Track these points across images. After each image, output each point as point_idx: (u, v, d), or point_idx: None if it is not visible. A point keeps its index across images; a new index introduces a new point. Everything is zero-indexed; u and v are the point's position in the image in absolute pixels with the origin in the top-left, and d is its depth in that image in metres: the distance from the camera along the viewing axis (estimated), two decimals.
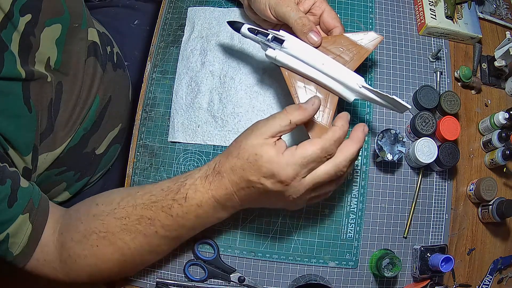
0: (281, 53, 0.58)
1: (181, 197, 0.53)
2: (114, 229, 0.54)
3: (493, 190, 0.67)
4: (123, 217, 0.54)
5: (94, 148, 0.76)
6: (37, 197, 0.56)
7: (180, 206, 0.53)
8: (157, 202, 0.53)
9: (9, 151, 0.54)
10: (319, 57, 0.58)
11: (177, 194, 0.53)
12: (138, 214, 0.54)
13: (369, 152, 0.70)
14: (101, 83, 0.73)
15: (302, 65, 0.58)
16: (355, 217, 0.67)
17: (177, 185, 0.54)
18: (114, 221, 0.54)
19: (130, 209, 0.54)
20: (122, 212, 0.54)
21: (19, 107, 0.54)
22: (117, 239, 0.54)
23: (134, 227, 0.54)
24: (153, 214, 0.53)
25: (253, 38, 0.60)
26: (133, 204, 0.54)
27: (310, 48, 0.59)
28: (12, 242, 0.53)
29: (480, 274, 0.69)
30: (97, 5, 1.00)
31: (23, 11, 0.54)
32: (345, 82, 0.58)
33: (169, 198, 0.53)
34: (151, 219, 0.53)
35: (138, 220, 0.54)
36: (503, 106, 0.76)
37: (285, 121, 0.50)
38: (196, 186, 0.52)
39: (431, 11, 0.74)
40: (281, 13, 0.60)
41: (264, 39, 0.58)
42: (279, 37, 0.58)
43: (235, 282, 0.65)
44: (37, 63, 0.58)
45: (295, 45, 0.58)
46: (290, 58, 0.58)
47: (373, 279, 0.66)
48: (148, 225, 0.53)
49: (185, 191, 0.53)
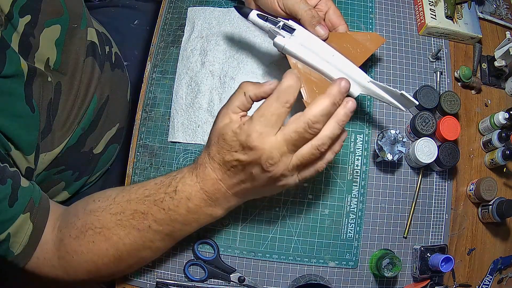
0: (290, 42, 0.58)
1: (172, 190, 0.53)
2: (109, 224, 0.55)
3: (493, 190, 0.67)
4: (118, 213, 0.55)
5: (92, 148, 0.77)
6: (38, 196, 0.56)
7: (171, 199, 0.53)
8: (150, 196, 0.54)
9: (12, 152, 0.54)
10: (328, 49, 0.58)
11: (169, 188, 0.54)
12: (132, 209, 0.54)
13: (369, 152, 0.70)
14: (98, 83, 0.73)
15: (311, 55, 0.58)
16: (355, 217, 0.67)
17: (169, 179, 0.55)
18: (110, 217, 0.55)
19: (125, 204, 0.55)
20: (117, 207, 0.55)
21: (21, 107, 0.54)
22: (112, 235, 0.54)
23: (128, 222, 0.54)
24: (146, 208, 0.54)
25: (261, 24, 0.60)
26: (127, 199, 0.55)
27: (319, 40, 0.59)
28: (13, 242, 0.53)
29: (480, 274, 0.69)
30: (97, 5, 1.00)
31: (22, 12, 0.54)
32: (353, 75, 0.58)
33: (161, 191, 0.54)
34: (144, 213, 0.54)
35: (132, 215, 0.54)
36: (503, 106, 0.76)
37: (240, 93, 0.50)
38: (185, 179, 0.53)
39: (431, 11, 0.74)
40: (290, 5, 0.60)
41: (274, 26, 0.58)
42: (289, 26, 0.58)
43: (235, 282, 0.65)
44: (36, 63, 0.58)
45: (305, 35, 0.58)
46: (299, 47, 0.58)
47: (373, 279, 0.66)
48: (142, 219, 0.54)
49: (176, 184, 0.54)
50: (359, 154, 0.69)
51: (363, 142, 0.70)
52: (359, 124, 0.71)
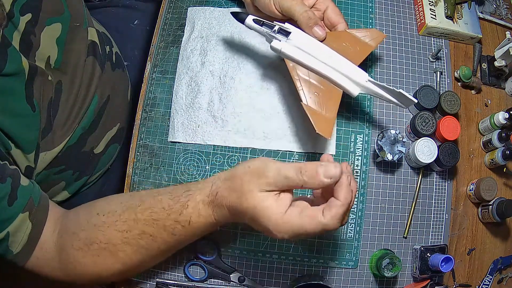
0: (287, 45, 0.58)
1: (184, 219, 0.52)
2: (115, 241, 0.54)
3: (493, 190, 0.67)
4: (125, 231, 0.54)
5: (93, 147, 0.76)
6: (37, 196, 0.56)
7: (183, 227, 0.52)
8: (158, 221, 0.53)
9: (12, 151, 0.54)
10: (325, 50, 0.58)
11: (180, 216, 0.52)
12: (140, 229, 0.54)
13: (369, 152, 0.70)
14: (99, 83, 0.73)
15: (308, 57, 0.58)
16: (355, 217, 0.67)
17: (178, 206, 0.52)
18: (116, 233, 0.54)
19: (132, 223, 0.54)
20: (123, 225, 0.54)
21: (22, 106, 0.54)
22: (118, 251, 0.54)
23: (136, 241, 0.54)
24: (155, 231, 0.53)
25: (257, 29, 0.60)
26: (134, 219, 0.54)
27: (315, 41, 0.59)
28: (12, 241, 0.53)
29: (480, 274, 0.69)
30: (97, 5, 1.00)
31: (23, 10, 0.54)
32: (350, 75, 0.58)
33: (172, 218, 0.52)
34: (153, 236, 0.53)
35: (140, 236, 0.54)
36: (503, 106, 0.76)
37: (296, 182, 0.45)
38: (199, 211, 0.52)
39: (431, 11, 0.74)
40: (286, 7, 0.60)
41: (270, 30, 0.58)
42: (285, 29, 0.58)
43: (235, 282, 0.65)
44: (37, 61, 0.58)
45: (301, 38, 0.58)
46: (295, 50, 0.58)
47: (373, 279, 0.66)
48: (151, 241, 0.54)
49: (188, 215, 0.52)
50: (359, 154, 0.69)
51: (363, 142, 0.70)
52: (359, 124, 0.71)
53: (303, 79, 0.59)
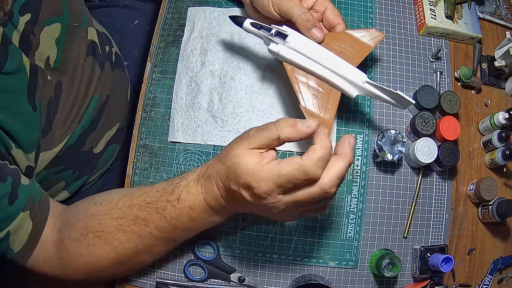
0: (284, 48, 0.58)
1: (175, 198, 0.53)
2: (110, 228, 0.54)
3: (493, 190, 0.67)
4: (119, 217, 0.54)
5: (92, 147, 0.77)
6: (38, 194, 0.56)
7: (173, 207, 0.53)
8: (151, 203, 0.54)
9: (12, 150, 0.54)
10: (322, 52, 0.58)
11: (171, 196, 0.53)
12: (133, 215, 0.54)
13: (369, 152, 0.70)
14: (99, 83, 0.73)
15: (305, 60, 0.58)
16: (355, 217, 0.67)
17: (172, 187, 0.54)
18: (111, 221, 0.55)
19: (126, 210, 0.55)
20: (118, 212, 0.55)
21: (23, 105, 0.54)
22: (113, 239, 0.54)
23: (129, 227, 0.54)
24: (147, 215, 0.53)
25: (255, 32, 0.60)
26: (129, 205, 0.55)
27: (313, 43, 0.59)
28: (13, 240, 0.53)
29: (480, 274, 0.69)
30: (97, 5, 1.00)
31: (22, 10, 0.54)
32: (348, 77, 0.58)
33: (164, 199, 0.53)
34: (145, 220, 0.54)
35: (133, 221, 0.54)
36: (503, 106, 0.76)
37: (274, 135, 0.46)
38: (189, 188, 0.52)
39: (431, 11, 0.74)
40: (284, 8, 0.60)
41: (267, 33, 0.58)
42: (282, 32, 0.58)
43: (235, 282, 0.65)
44: (37, 61, 0.58)
45: (298, 40, 0.58)
46: (293, 53, 0.58)
47: (373, 279, 0.66)
48: (143, 226, 0.54)
49: (179, 193, 0.53)
50: (359, 154, 0.69)
51: (363, 142, 0.70)
52: (359, 124, 0.71)
53: (301, 81, 0.59)
